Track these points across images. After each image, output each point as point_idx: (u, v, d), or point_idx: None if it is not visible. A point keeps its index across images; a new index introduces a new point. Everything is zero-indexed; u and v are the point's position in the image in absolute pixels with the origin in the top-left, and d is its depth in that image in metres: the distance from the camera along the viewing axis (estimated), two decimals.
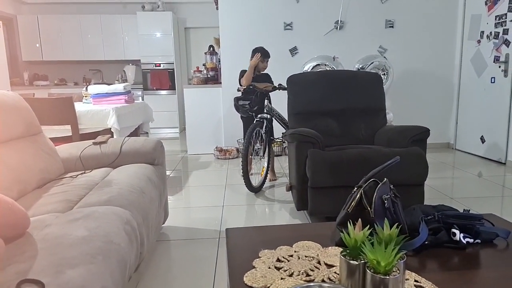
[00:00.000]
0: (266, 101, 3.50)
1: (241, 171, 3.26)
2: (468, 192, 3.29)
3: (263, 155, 3.53)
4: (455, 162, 4.45)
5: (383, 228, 1.02)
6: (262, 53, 3.63)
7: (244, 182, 3.24)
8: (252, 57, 3.64)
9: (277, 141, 4.77)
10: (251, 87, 3.52)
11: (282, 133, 3.63)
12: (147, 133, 4.47)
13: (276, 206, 3.00)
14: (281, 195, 3.27)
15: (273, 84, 3.66)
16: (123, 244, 1.29)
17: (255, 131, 3.34)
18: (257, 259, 1.20)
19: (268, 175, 3.75)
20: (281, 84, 3.52)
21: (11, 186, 1.65)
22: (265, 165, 3.50)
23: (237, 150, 4.91)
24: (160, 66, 6.90)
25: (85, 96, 3.77)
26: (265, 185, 3.56)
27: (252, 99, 3.52)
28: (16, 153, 1.79)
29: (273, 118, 3.54)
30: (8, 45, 6.57)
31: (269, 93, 3.60)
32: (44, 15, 6.92)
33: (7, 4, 6.66)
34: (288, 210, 2.90)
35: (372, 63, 4.46)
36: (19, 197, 1.69)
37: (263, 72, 3.75)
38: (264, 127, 3.40)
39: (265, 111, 3.47)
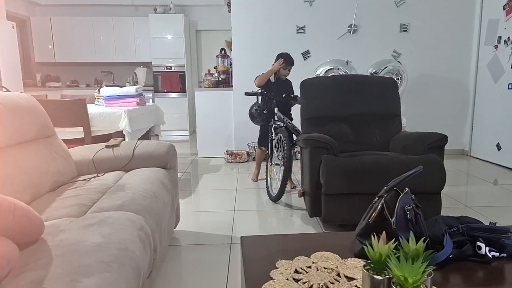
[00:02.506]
0: (275, 109, 3.38)
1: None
2: (484, 200, 3.22)
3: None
4: (469, 169, 4.37)
5: (407, 241, 0.98)
6: (285, 60, 3.50)
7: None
8: (275, 61, 3.55)
9: None
10: (265, 92, 3.44)
11: (295, 141, 3.57)
12: (157, 135, 4.47)
13: (288, 212, 2.97)
14: (293, 201, 3.23)
15: (293, 92, 3.57)
16: (137, 251, 1.26)
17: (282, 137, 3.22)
18: (275, 270, 1.16)
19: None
20: (297, 96, 3.40)
21: (24, 189, 1.64)
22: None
23: (248, 154, 4.88)
24: (171, 69, 6.92)
25: (97, 98, 3.78)
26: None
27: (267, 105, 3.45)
28: (30, 155, 1.79)
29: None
30: (21, 46, 6.64)
31: (288, 103, 3.51)
32: (57, 17, 6.99)
33: (21, 6, 6.74)
34: (300, 216, 2.86)
35: (385, 67, 4.41)
36: (32, 200, 1.69)
37: (285, 78, 3.61)
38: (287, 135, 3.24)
39: (275, 118, 3.37)
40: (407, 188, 1.28)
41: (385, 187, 1.29)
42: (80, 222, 1.34)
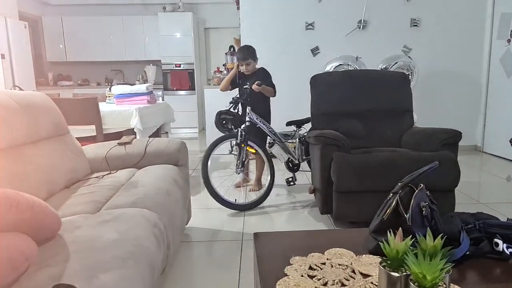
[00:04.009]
0: (248, 109, 3.10)
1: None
2: (496, 196, 3.18)
3: (242, 168, 3.07)
4: (482, 165, 4.31)
5: (424, 237, 0.97)
6: (238, 57, 3.24)
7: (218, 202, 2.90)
8: None
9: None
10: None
11: (269, 142, 3.25)
12: (167, 133, 4.49)
13: (299, 209, 2.96)
14: (303, 198, 3.23)
15: (270, 80, 3.25)
16: (152, 248, 1.27)
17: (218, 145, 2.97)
18: (289, 266, 1.16)
19: (252, 185, 3.48)
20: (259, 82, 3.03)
21: (40, 186, 1.67)
22: (268, 178, 3.06)
23: None
24: (180, 67, 6.94)
25: (109, 97, 3.81)
26: (279, 189, 3.51)
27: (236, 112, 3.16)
28: (45, 153, 1.81)
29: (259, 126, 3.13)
30: (33, 45, 6.71)
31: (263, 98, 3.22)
32: (68, 17, 7.05)
33: (33, 6, 6.81)
34: (311, 213, 2.86)
35: (396, 63, 4.37)
36: (48, 197, 1.71)
37: (252, 71, 3.30)
38: (239, 136, 2.97)
39: (247, 119, 3.09)
40: (422, 184, 1.27)
41: (399, 183, 1.28)
42: (95, 219, 1.36)
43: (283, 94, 4.89)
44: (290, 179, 3.31)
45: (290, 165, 3.34)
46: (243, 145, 3.01)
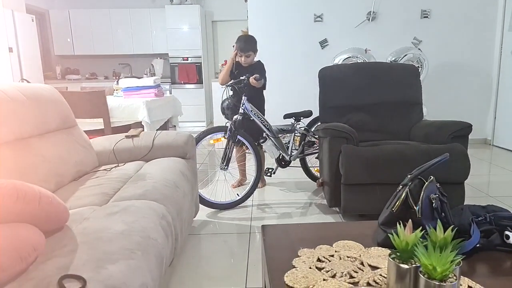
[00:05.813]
0: (243, 99, 2.94)
1: None
2: (506, 190, 3.13)
3: (226, 165, 2.96)
4: (492, 158, 4.25)
5: (434, 229, 0.96)
6: (239, 47, 3.04)
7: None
8: None
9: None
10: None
11: (267, 132, 3.07)
12: (175, 126, 4.50)
13: (307, 202, 2.95)
14: (311, 191, 3.21)
15: (264, 74, 3.09)
16: (159, 239, 1.27)
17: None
18: (297, 258, 1.16)
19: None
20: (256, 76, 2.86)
21: (48, 178, 1.68)
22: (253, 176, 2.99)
23: None
24: (187, 60, 6.93)
25: (116, 90, 3.82)
26: (287, 183, 3.50)
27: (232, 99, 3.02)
28: (53, 145, 1.82)
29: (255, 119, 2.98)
30: (41, 39, 6.74)
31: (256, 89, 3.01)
32: (75, 10, 7.07)
33: None
34: (319, 206, 2.85)
35: (405, 55, 4.31)
36: (56, 189, 1.72)
37: (250, 63, 3.13)
38: (228, 130, 2.87)
39: (240, 110, 2.93)
40: (432, 177, 1.25)
41: (409, 175, 1.26)
42: (103, 211, 1.36)
43: (291, 87, 4.88)
44: (271, 169, 3.22)
45: (282, 162, 3.22)
46: (230, 140, 2.89)
